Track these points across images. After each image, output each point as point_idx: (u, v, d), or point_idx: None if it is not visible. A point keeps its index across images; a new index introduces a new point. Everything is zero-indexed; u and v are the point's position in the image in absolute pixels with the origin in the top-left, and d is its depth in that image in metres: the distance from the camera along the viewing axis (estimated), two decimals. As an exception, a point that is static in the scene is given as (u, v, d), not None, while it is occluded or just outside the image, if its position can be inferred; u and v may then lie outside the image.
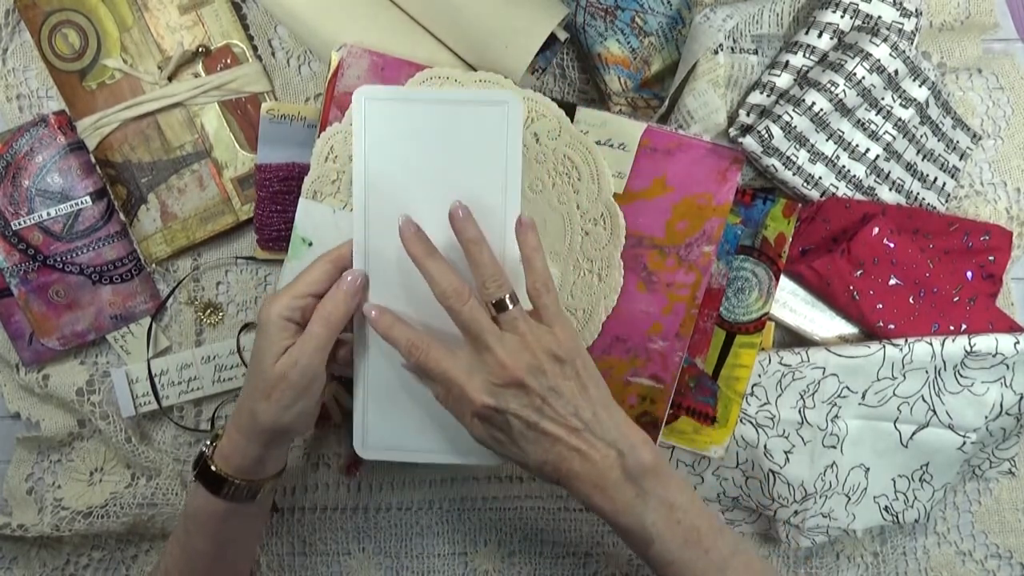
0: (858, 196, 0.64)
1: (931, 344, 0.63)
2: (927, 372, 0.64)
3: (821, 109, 0.61)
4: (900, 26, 0.63)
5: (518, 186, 0.55)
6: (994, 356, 0.63)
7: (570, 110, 0.60)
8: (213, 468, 0.54)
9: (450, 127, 0.55)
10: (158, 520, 0.66)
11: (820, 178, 0.63)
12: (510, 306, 0.51)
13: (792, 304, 0.66)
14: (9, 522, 0.65)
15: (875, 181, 0.64)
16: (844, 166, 0.63)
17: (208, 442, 0.55)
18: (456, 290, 0.50)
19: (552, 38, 0.60)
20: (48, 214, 0.64)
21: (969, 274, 0.66)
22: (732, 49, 0.63)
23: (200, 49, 0.65)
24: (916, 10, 0.63)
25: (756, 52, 0.64)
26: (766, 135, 0.61)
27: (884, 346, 0.63)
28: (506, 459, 0.53)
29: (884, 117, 0.63)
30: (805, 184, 0.63)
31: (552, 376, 0.50)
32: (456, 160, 0.55)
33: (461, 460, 0.57)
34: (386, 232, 0.54)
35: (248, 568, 0.63)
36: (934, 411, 0.65)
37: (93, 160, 0.65)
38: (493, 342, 0.50)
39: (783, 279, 0.65)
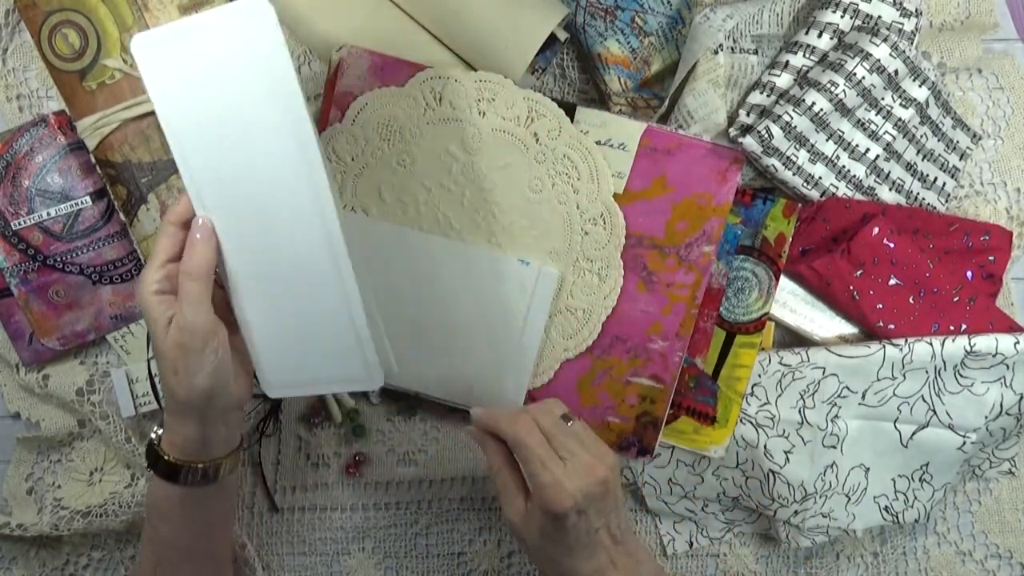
0: (858, 196, 0.64)
1: (931, 344, 0.63)
2: (927, 372, 0.64)
3: (821, 109, 0.61)
4: (900, 26, 0.63)
5: (295, 93, 0.50)
6: (994, 356, 0.63)
7: (570, 110, 0.60)
8: (165, 457, 0.53)
9: (216, 52, 0.51)
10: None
11: (820, 178, 0.63)
12: (573, 420, 0.54)
13: (792, 304, 0.66)
14: (8, 521, 0.65)
15: (875, 181, 0.64)
16: (844, 166, 0.63)
17: (156, 432, 0.55)
18: (523, 411, 0.54)
19: (552, 38, 0.60)
20: (48, 214, 0.64)
21: (969, 274, 0.66)
22: (732, 49, 0.63)
23: (200, 49, 0.65)
24: (916, 10, 0.63)
25: (756, 52, 0.64)
26: (766, 135, 0.61)
27: (884, 346, 0.63)
28: (534, 555, 0.54)
29: (884, 117, 0.63)
30: (805, 184, 0.63)
31: (617, 481, 0.53)
32: (234, 82, 0.51)
33: (358, 387, 0.56)
34: (211, 174, 0.52)
35: (226, 552, 0.61)
36: (934, 411, 0.65)
37: (93, 160, 0.65)
38: (577, 446, 0.52)
39: (783, 279, 0.65)
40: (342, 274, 0.53)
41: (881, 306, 0.64)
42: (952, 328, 0.64)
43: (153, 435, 0.54)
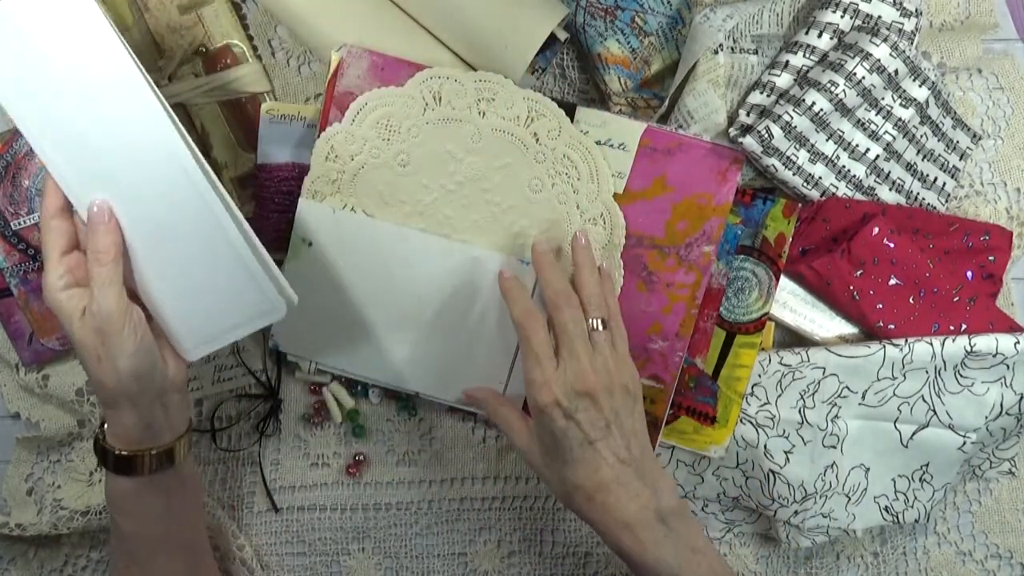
0: (858, 196, 0.64)
1: (931, 344, 0.63)
2: (927, 372, 0.64)
3: (821, 109, 0.61)
4: (900, 26, 0.63)
5: (123, 53, 0.49)
6: (994, 356, 0.63)
7: (570, 110, 0.60)
8: (113, 451, 0.52)
9: (39, 26, 0.49)
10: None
11: (820, 178, 0.63)
12: (601, 329, 0.54)
13: (792, 304, 0.66)
14: (7, 521, 0.65)
15: (875, 181, 0.64)
16: (844, 166, 0.63)
17: (100, 429, 0.54)
18: (570, 293, 0.54)
19: (552, 38, 0.60)
20: (48, 214, 0.64)
21: (969, 274, 0.66)
22: (732, 49, 0.63)
23: (200, 49, 0.65)
24: (916, 10, 0.63)
25: (756, 52, 0.64)
26: (766, 135, 0.61)
27: (884, 346, 0.63)
28: (543, 475, 0.55)
29: (884, 117, 0.63)
30: (805, 184, 0.63)
31: (620, 403, 0.53)
32: (60, 51, 0.49)
33: (266, 321, 0.55)
34: (66, 154, 0.50)
35: (202, 542, 0.60)
36: (934, 411, 0.65)
37: (93, 160, 0.65)
38: (583, 352, 0.52)
39: (783, 279, 0.65)
40: (213, 211, 0.52)
41: (881, 306, 0.64)
42: (952, 328, 0.64)
43: (97, 432, 0.54)
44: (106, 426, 0.53)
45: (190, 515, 0.59)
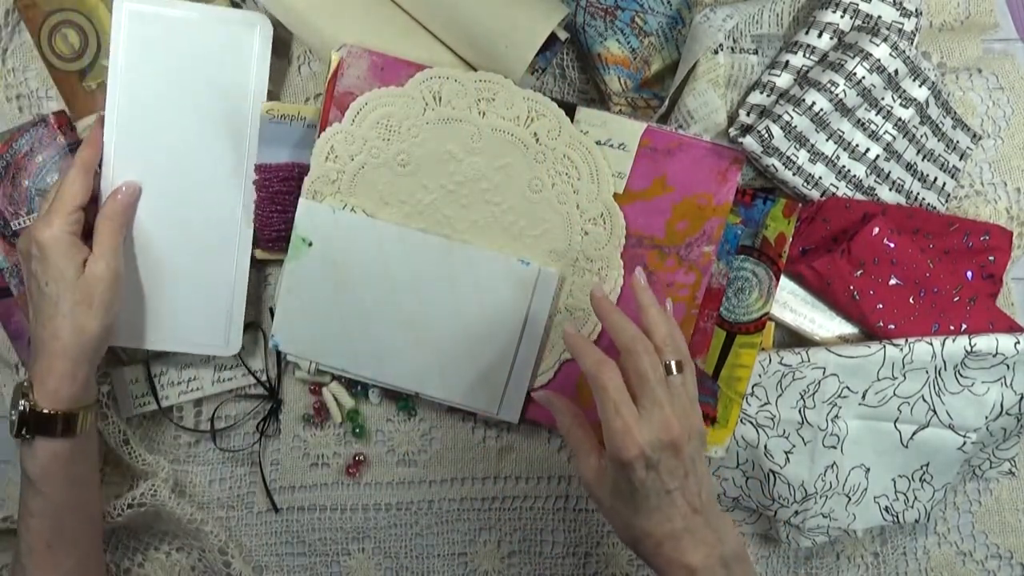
0: (858, 196, 0.64)
1: (931, 344, 0.63)
2: (927, 372, 0.64)
3: (821, 109, 0.61)
4: (900, 26, 0.63)
5: (261, 100, 0.62)
6: (994, 356, 0.63)
7: (570, 110, 0.60)
8: (47, 411, 0.54)
9: (202, 43, 0.60)
10: (149, 516, 0.66)
11: (820, 178, 0.63)
12: (677, 373, 0.51)
13: (792, 304, 0.66)
14: (11, 515, 0.65)
15: (875, 181, 0.64)
16: (844, 166, 0.63)
17: (23, 396, 0.55)
18: (643, 339, 0.51)
19: (552, 38, 0.60)
20: (48, 214, 0.64)
21: (969, 274, 0.66)
22: (732, 49, 0.63)
23: (200, 49, 0.65)
24: (916, 10, 0.63)
25: (756, 52, 0.64)
26: (766, 135, 0.61)
27: (884, 346, 0.63)
28: (608, 515, 0.53)
29: (884, 117, 0.63)
30: (805, 184, 0.63)
31: (696, 449, 0.51)
32: (206, 75, 0.61)
33: (204, 352, 0.66)
34: (135, 139, 0.61)
35: (99, 514, 0.62)
36: (934, 411, 0.65)
37: (93, 160, 0.65)
38: (664, 400, 0.49)
39: (783, 279, 0.65)
40: (237, 258, 0.63)
41: (881, 306, 0.64)
42: (952, 328, 0.64)
43: (23, 403, 0.55)
44: (37, 387, 0.55)
45: (96, 485, 0.62)
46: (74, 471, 0.57)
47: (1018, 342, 0.63)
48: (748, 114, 0.63)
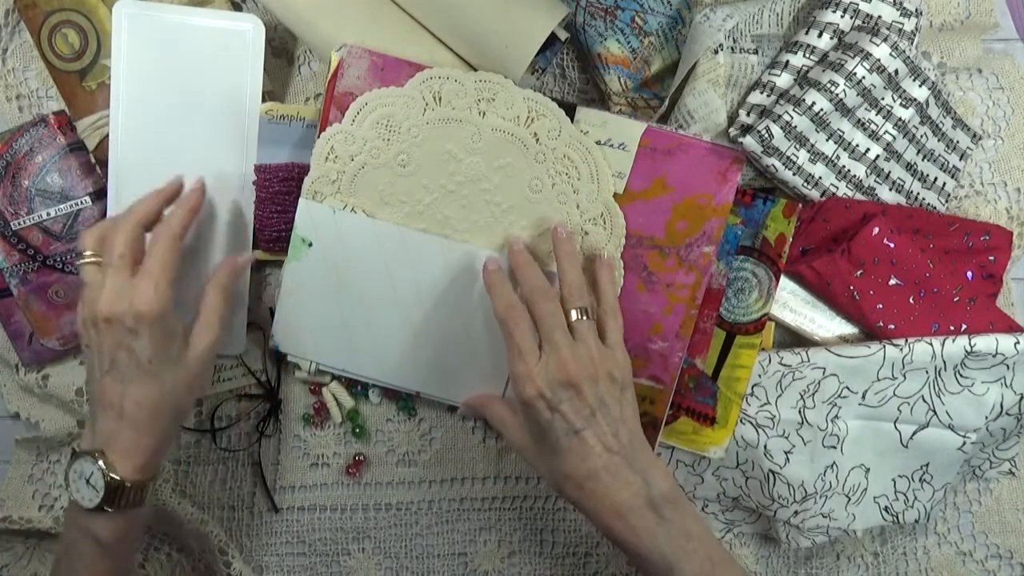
0: (858, 196, 0.64)
1: (931, 344, 0.63)
2: (927, 372, 0.64)
3: (821, 109, 0.61)
4: (900, 26, 0.63)
5: (257, 102, 0.62)
6: (994, 356, 0.63)
7: (570, 110, 0.60)
8: (133, 483, 0.50)
9: (199, 46, 0.61)
10: (149, 517, 0.66)
11: (820, 178, 0.63)
12: (583, 319, 0.54)
13: (792, 304, 0.66)
14: (10, 515, 0.65)
15: (875, 181, 0.64)
16: (844, 166, 0.63)
17: (96, 464, 0.50)
18: (545, 288, 0.55)
19: (552, 38, 0.60)
20: (48, 214, 0.64)
21: (969, 274, 0.66)
22: (732, 49, 0.63)
23: (200, 49, 0.65)
24: (916, 10, 0.63)
25: (756, 52, 0.64)
26: (766, 135, 0.61)
27: (884, 346, 0.63)
28: (535, 466, 0.56)
29: (884, 117, 0.63)
30: (805, 184, 0.63)
31: (605, 392, 0.53)
32: (203, 78, 0.62)
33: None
34: (136, 141, 0.62)
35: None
36: (934, 411, 0.65)
37: (93, 160, 0.65)
38: (562, 343, 0.53)
39: (783, 279, 0.65)
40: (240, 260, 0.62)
41: (881, 306, 0.64)
42: (952, 328, 0.64)
43: (100, 474, 0.50)
44: (117, 460, 0.50)
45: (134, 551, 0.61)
46: (131, 540, 0.54)
47: (1018, 342, 0.63)
48: (748, 114, 0.63)
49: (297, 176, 0.63)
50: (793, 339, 0.67)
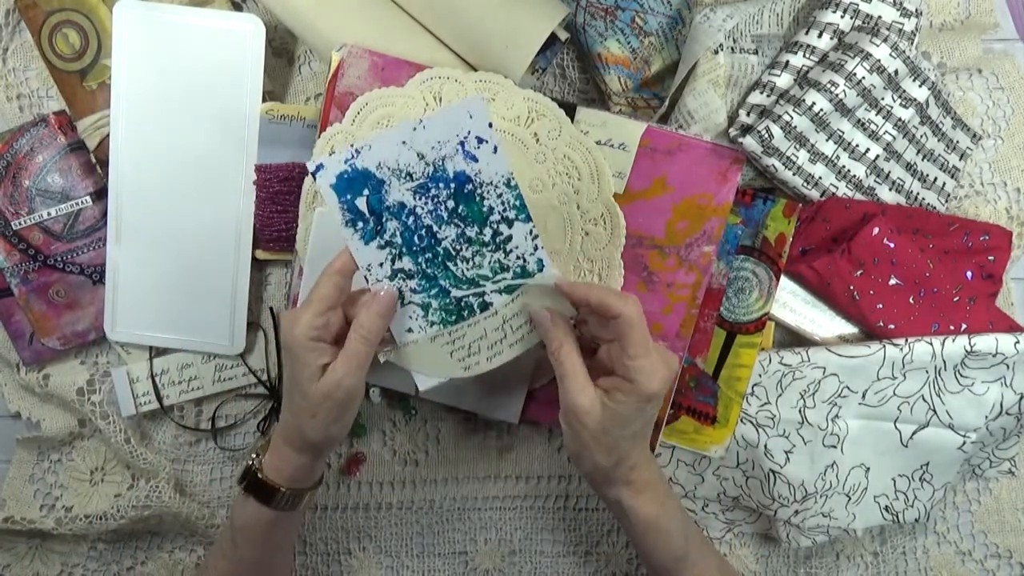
0: (858, 196, 0.64)
1: (931, 344, 0.63)
2: (927, 372, 0.64)
3: (821, 109, 0.61)
4: (900, 26, 0.63)
5: (258, 103, 0.62)
6: (994, 356, 0.63)
7: (570, 110, 0.60)
8: (265, 480, 0.55)
9: (199, 47, 0.62)
10: (152, 520, 0.66)
11: (820, 178, 0.63)
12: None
13: (792, 304, 0.66)
14: (12, 515, 0.65)
15: (875, 181, 0.64)
16: (844, 166, 0.63)
17: (254, 455, 0.56)
18: (618, 293, 0.53)
19: (552, 38, 0.60)
20: (48, 214, 0.64)
21: (969, 274, 0.66)
22: (732, 49, 0.63)
23: (200, 49, 0.65)
24: (916, 10, 0.63)
25: (756, 52, 0.64)
26: (766, 135, 0.61)
27: (884, 346, 0.63)
28: (585, 446, 0.53)
29: (884, 117, 0.63)
30: (805, 184, 0.63)
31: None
32: (204, 78, 0.62)
33: (208, 350, 0.66)
34: (137, 141, 0.63)
35: (289, 572, 0.64)
36: (934, 411, 0.65)
37: (93, 160, 0.65)
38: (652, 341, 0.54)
39: (783, 279, 0.65)
40: (238, 258, 0.64)
41: (881, 306, 0.64)
42: (952, 328, 0.64)
43: (252, 460, 0.56)
44: (267, 458, 0.56)
45: (292, 549, 0.65)
46: (273, 537, 0.57)
47: (1018, 342, 0.63)
48: (748, 114, 0.63)
49: (297, 176, 0.63)
50: (793, 339, 0.67)
